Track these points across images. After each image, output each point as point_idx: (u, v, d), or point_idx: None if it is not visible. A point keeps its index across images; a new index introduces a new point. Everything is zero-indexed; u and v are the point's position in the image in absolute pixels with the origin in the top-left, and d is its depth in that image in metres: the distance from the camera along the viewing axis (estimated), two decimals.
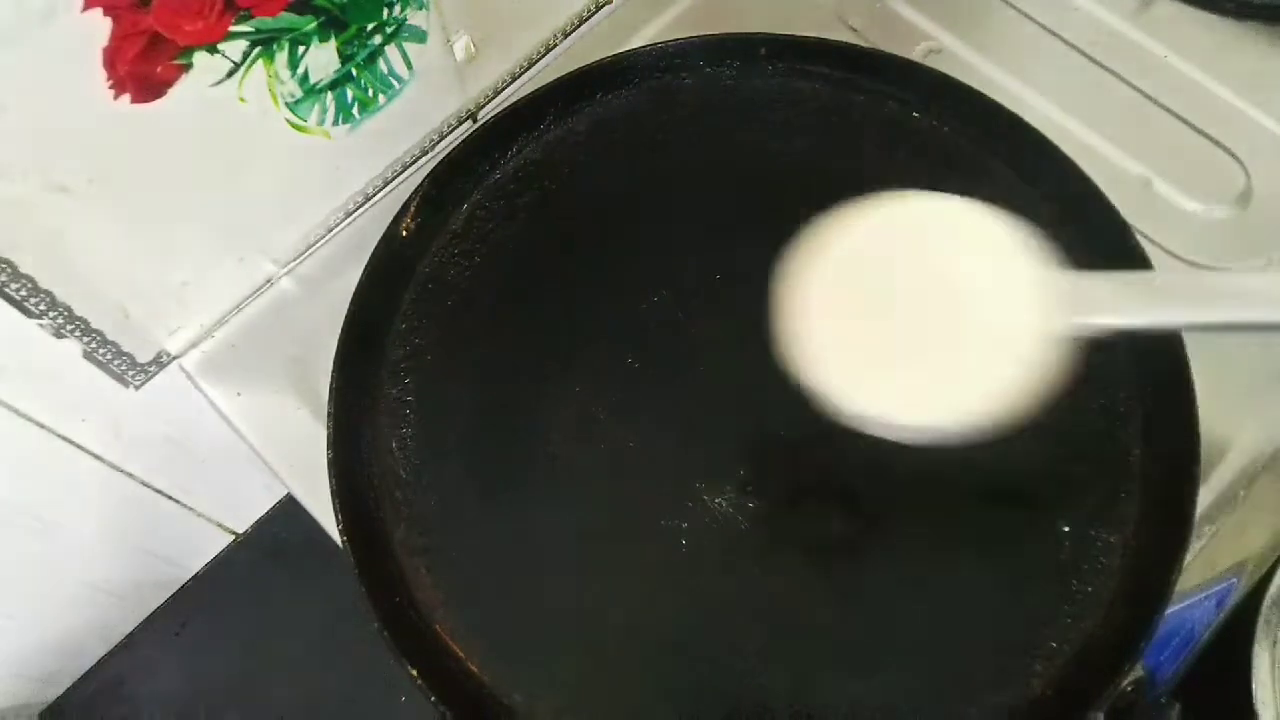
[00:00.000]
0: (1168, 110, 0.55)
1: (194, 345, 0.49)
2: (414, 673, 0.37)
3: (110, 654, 0.64)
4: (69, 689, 0.63)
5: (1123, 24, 0.58)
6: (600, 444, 0.42)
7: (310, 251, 0.51)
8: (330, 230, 0.51)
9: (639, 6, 0.59)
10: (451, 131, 0.53)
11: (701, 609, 0.40)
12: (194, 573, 0.66)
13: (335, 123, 0.46)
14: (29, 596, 0.56)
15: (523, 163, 0.49)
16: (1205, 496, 0.39)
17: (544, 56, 0.56)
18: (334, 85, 0.45)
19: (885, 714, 0.38)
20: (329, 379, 0.42)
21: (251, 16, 0.39)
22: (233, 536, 0.67)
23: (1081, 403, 0.42)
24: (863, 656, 0.38)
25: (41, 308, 0.41)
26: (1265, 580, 0.53)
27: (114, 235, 0.41)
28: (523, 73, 0.55)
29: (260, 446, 0.48)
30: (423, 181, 0.46)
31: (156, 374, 0.49)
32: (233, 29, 0.39)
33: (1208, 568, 0.48)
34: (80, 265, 0.41)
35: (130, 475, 0.55)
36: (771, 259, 0.32)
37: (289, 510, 0.65)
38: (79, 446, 0.50)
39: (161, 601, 0.65)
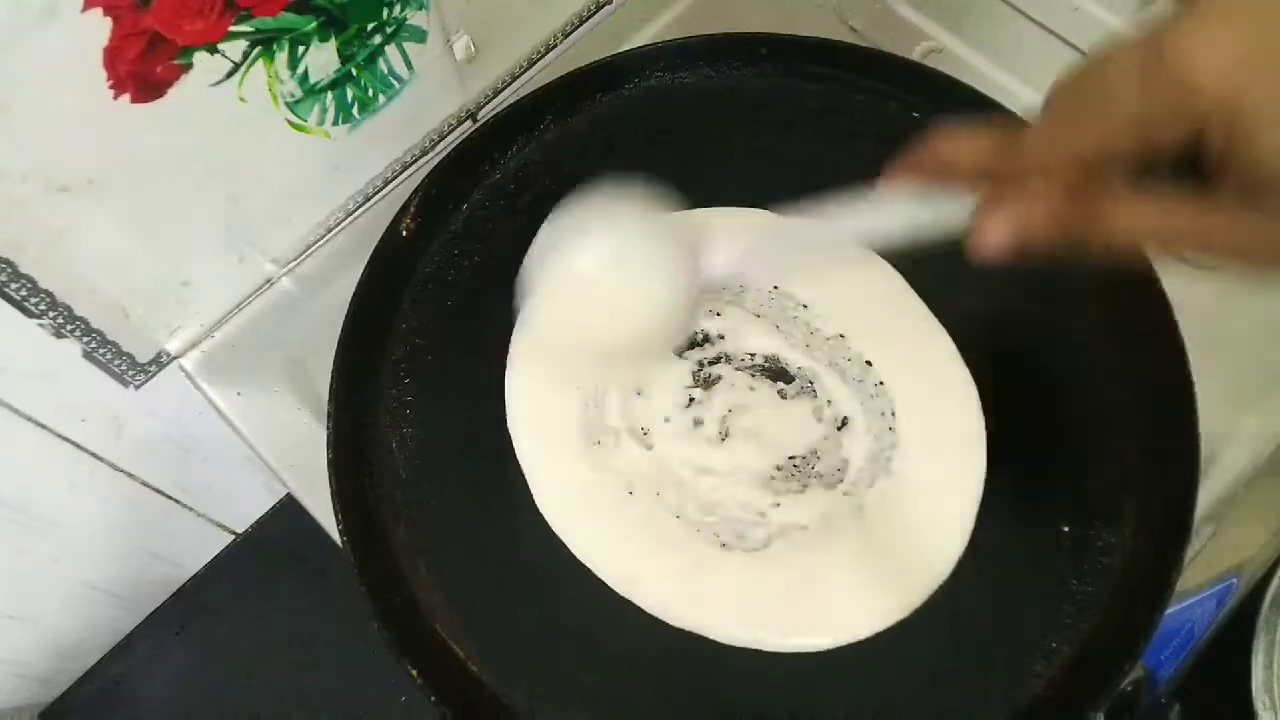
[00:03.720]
0: None
1: (194, 345, 0.49)
2: (414, 673, 0.37)
3: (110, 654, 0.64)
4: (69, 689, 0.63)
5: (1123, 24, 0.58)
6: None
7: (310, 251, 0.51)
8: (330, 230, 0.51)
9: (639, 6, 0.59)
10: (451, 131, 0.53)
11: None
12: (194, 573, 0.66)
13: (335, 123, 0.46)
14: (29, 596, 0.56)
15: (523, 163, 0.49)
16: (1205, 496, 0.39)
17: (544, 56, 0.56)
18: (334, 85, 0.45)
19: (885, 714, 0.38)
20: (329, 379, 0.42)
21: (251, 16, 0.39)
22: (233, 536, 0.67)
23: (1082, 403, 0.42)
24: (863, 657, 0.38)
25: (41, 308, 0.41)
26: (1265, 580, 0.53)
27: (114, 235, 0.41)
28: (523, 73, 0.55)
29: (260, 446, 0.48)
30: (423, 181, 0.46)
31: (156, 374, 0.49)
32: (233, 29, 0.39)
33: (1208, 568, 0.48)
34: (80, 265, 0.41)
35: (130, 475, 0.55)
36: None
37: (289, 510, 0.65)
38: (79, 446, 0.50)
39: (161, 601, 0.65)
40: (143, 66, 0.37)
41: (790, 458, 0.41)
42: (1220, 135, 0.24)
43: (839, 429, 0.42)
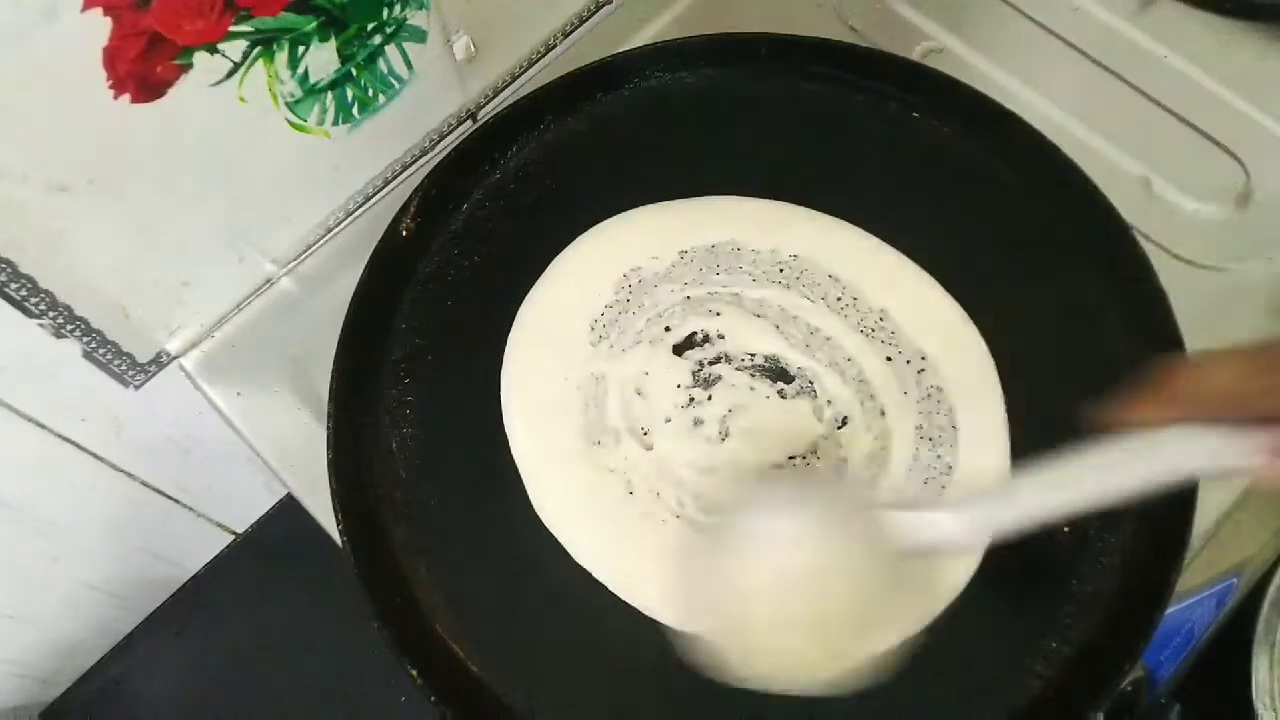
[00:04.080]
0: (1168, 110, 0.55)
1: (194, 345, 0.49)
2: (414, 673, 0.37)
3: (110, 654, 0.64)
4: (69, 689, 0.63)
5: (1123, 24, 0.58)
6: None
7: (310, 251, 0.51)
8: (330, 230, 0.51)
9: (639, 6, 0.59)
10: (451, 131, 0.53)
11: None
12: (194, 573, 0.66)
13: (335, 123, 0.46)
14: (29, 596, 0.56)
15: (523, 162, 0.49)
16: (1205, 496, 0.39)
17: (544, 56, 0.56)
18: (334, 85, 0.45)
19: (885, 714, 0.38)
20: (329, 379, 0.42)
21: (251, 16, 0.39)
22: (233, 536, 0.67)
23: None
24: None
25: (41, 308, 0.41)
26: (1265, 580, 0.53)
27: (114, 235, 0.41)
28: (523, 73, 0.55)
29: (260, 446, 0.48)
30: (423, 181, 0.46)
31: (156, 374, 0.49)
32: (233, 29, 0.39)
33: (1208, 568, 0.48)
34: (80, 265, 0.41)
35: (130, 475, 0.55)
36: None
37: (289, 510, 0.65)
38: (79, 446, 0.50)
39: (161, 601, 0.65)
40: (143, 66, 0.37)
41: (790, 457, 0.41)
42: None
43: (839, 429, 0.42)
